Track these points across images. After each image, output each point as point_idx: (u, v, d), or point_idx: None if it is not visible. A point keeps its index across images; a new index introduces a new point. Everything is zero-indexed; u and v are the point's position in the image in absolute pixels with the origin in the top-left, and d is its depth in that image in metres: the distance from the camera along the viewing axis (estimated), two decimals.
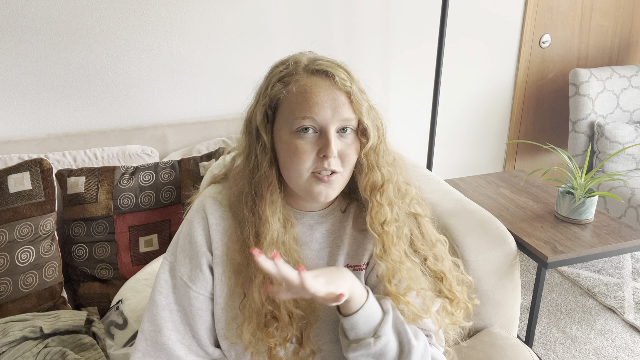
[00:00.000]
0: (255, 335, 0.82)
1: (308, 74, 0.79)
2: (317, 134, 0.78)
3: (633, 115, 2.51)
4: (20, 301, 1.35)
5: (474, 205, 1.39)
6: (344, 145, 0.79)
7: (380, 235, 0.83)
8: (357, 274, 0.90)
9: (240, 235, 0.84)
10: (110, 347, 1.22)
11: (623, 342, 1.88)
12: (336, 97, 0.77)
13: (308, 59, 0.81)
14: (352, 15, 2.11)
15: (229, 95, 2.02)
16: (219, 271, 0.85)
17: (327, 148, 0.76)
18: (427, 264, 0.89)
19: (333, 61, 0.81)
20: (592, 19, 2.56)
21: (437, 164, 2.54)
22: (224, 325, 0.86)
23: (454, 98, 2.44)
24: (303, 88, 0.78)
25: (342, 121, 0.78)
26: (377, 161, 0.83)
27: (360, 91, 0.81)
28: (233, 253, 0.85)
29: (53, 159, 1.59)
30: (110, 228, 1.49)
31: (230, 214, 0.87)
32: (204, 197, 0.90)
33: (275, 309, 0.82)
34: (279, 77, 0.81)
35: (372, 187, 0.83)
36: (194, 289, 0.85)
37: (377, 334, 0.78)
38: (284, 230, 0.85)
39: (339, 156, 0.79)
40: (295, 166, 0.79)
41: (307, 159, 0.78)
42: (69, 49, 1.75)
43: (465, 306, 0.91)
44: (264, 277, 0.81)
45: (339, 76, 0.78)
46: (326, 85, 0.78)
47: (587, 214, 1.57)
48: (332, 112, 0.77)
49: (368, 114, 0.80)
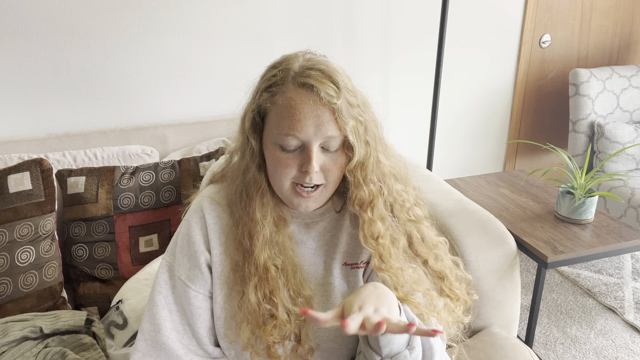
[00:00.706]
0: (254, 334, 0.82)
1: (295, 86, 0.77)
2: (300, 149, 0.78)
3: (633, 115, 2.51)
4: (20, 301, 1.35)
5: (474, 205, 1.39)
6: (328, 160, 0.79)
7: (375, 249, 0.83)
8: (355, 272, 0.90)
9: (237, 233, 0.85)
10: (110, 347, 1.22)
11: (623, 342, 1.88)
12: (320, 113, 0.75)
13: (300, 65, 0.79)
14: (352, 14, 2.11)
15: (229, 95, 2.02)
16: (217, 270, 0.86)
17: (308, 164, 0.76)
18: (429, 265, 0.89)
19: (324, 71, 0.78)
20: (592, 19, 2.56)
21: (437, 164, 2.53)
22: (224, 323, 0.86)
23: (454, 98, 2.44)
24: (288, 102, 0.77)
25: (325, 138, 0.77)
26: (365, 177, 0.81)
27: (350, 105, 0.78)
28: (231, 251, 0.86)
29: (53, 159, 1.59)
30: (110, 228, 1.49)
31: (228, 212, 0.88)
32: (202, 197, 0.90)
33: (273, 307, 0.82)
34: (267, 85, 0.80)
35: (360, 203, 0.83)
36: (193, 288, 0.85)
37: (410, 345, 0.75)
38: (277, 229, 0.85)
39: (322, 170, 0.79)
40: (277, 177, 0.80)
41: (289, 172, 0.78)
42: (69, 49, 1.75)
43: (465, 301, 0.91)
44: (259, 279, 0.82)
45: (325, 91, 0.75)
46: (311, 101, 0.75)
47: (587, 214, 1.57)
48: (314, 130, 0.76)
49: (355, 130, 0.78)
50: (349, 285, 0.90)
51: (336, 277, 0.90)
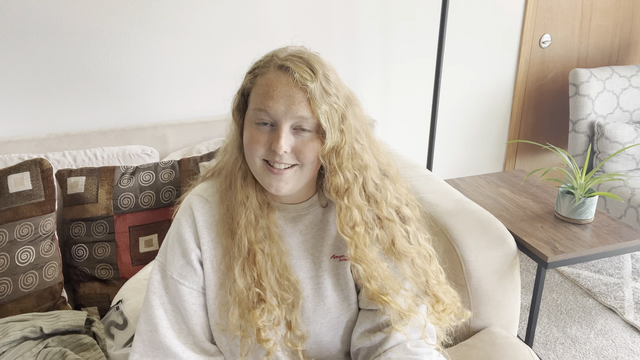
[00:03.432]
0: (243, 317, 0.83)
1: (275, 68, 0.80)
2: (272, 127, 0.81)
3: (633, 115, 2.51)
4: (20, 301, 1.35)
5: (474, 205, 1.39)
6: (300, 141, 0.80)
7: (352, 238, 0.84)
8: (344, 264, 0.91)
9: (226, 218, 0.87)
10: (110, 347, 1.22)
11: (623, 342, 1.88)
12: (293, 93, 0.78)
13: (287, 53, 0.82)
14: (352, 15, 2.11)
15: (229, 95, 2.02)
16: (208, 266, 0.87)
17: (276, 143, 0.78)
18: (414, 263, 0.89)
19: (305, 58, 0.80)
20: (592, 19, 2.56)
21: (437, 164, 2.54)
22: (217, 311, 0.87)
23: (454, 98, 2.44)
24: (265, 81, 0.80)
25: (295, 118, 0.79)
26: (340, 164, 0.82)
27: (325, 91, 0.79)
28: (222, 238, 0.87)
29: (53, 159, 1.59)
30: (110, 228, 1.49)
31: (218, 207, 0.89)
32: (191, 196, 0.92)
33: (262, 291, 0.83)
34: (253, 68, 0.84)
35: (336, 190, 0.83)
36: (187, 285, 0.87)
37: None
38: (262, 213, 0.87)
39: (294, 152, 0.80)
40: (249, 153, 0.82)
41: (259, 148, 0.81)
42: (69, 49, 1.75)
43: (451, 310, 0.91)
44: (245, 261, 0.84)
45: (299, 74, 0.78)
46: (285, 82, 0.78)
47: (587, 214, 1.57)
48: (285, 108, 0.78)
49: (328, 115, 0.79)
50: (339, 278, 0.91)
51: (325, 269, 0.91)
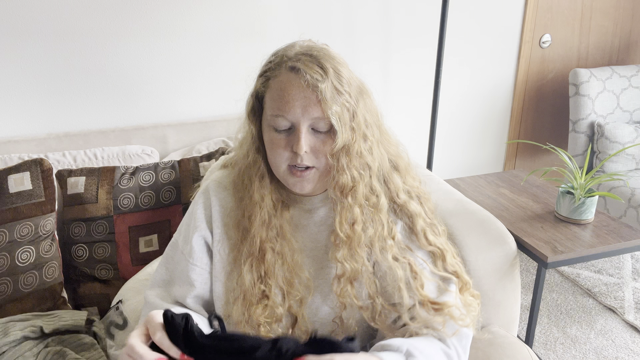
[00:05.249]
0: (246, 311, 0.84)
1: (287, 70, 0.81)
2: (291, 130, 0.82)
3: (633, 115, 2.51)
4: (20, 301, 1.35)
5: (474, 205, 1.39)
6: (317, 141, 0.82)
7: (348, 237, 0.84)
8: None
9: (238, 214, 0.89)
10: (110, 347, 1.22)
11: (623, 342, 1.88)
12: (307, 95, 0.79)
13: (295, 52, 0.83)
14: (352, 15, 2.11)
15: (229, 95, 2.02)
16: (218, 248, 0.89)
17: (297, 144, 0.80)
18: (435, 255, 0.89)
19: (315, 56, 0.81)
20: (592, 19, 2.56)
21: (437, 164, 2.53)
22: (222, 297, 0.89)
23: (454, 98, 2.44)
24: (278, 85, 0.81)
25: (312, 119, 0.80)
26: (348, 163, 0.82)
27: (336, 90, 0.80)
28: (232, 231, 0.89)
29: (53, 159, 1.59)
30: (110, 228, 1.49)
31: (233, 196, 0.92)
32: (210, 181, 0.95)
33: (267, 288, 0.84)
34: (264, 71, 0.85)
35: (341, 189, 0.84)
36: (191, 261, 0.90)
37: None
38: (276, 212, 0.88)
39: (312, 152, 0.82)
40: (273, 158, 0.83)
41: (283, 153, 0.82)
42: (69, 49, 1.75)
43: None
44: (255, 260, 0.85)
45: (310, 75, 0.78)
46: (297, 84, 0.79)
47: (587, 214, 1.57)
48: (301, 111, 0.79)
49: (339, 115, 0.80)
50: None
51: None
